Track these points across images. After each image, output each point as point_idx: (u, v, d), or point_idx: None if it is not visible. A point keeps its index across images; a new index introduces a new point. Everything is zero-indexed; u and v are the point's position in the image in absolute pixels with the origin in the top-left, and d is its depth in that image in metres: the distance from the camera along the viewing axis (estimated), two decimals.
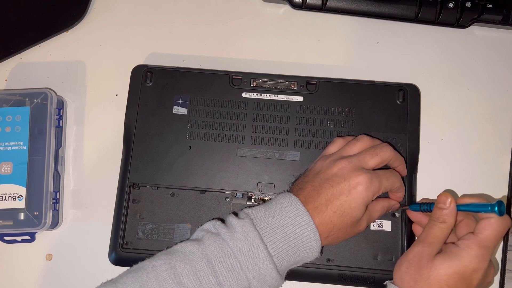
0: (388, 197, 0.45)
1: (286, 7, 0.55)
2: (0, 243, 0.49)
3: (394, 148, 0.44)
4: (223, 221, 0.40)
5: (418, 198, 0.48)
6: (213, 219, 0.40)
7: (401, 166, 0.44)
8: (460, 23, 0.53)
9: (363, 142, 0.43)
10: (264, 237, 0.37)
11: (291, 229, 0.38)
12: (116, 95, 0.53)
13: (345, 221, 0.39)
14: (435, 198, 0.49)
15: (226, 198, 0.47)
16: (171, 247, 0.39)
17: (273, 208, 0.39)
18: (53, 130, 0.49)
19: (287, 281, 0.47)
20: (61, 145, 0.51)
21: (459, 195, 0.49)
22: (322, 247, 0.40)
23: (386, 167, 0.43)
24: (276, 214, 0.39)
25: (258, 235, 0.37)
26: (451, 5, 0.52)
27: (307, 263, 0.44)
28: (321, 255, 0.40)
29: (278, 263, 0.38)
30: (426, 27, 0.54)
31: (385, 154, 0.42)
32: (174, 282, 0.36)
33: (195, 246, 0.37)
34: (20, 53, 0.54)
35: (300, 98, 0.49)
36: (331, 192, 0.39)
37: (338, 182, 0.39)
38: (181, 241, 0.39)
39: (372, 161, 0.41)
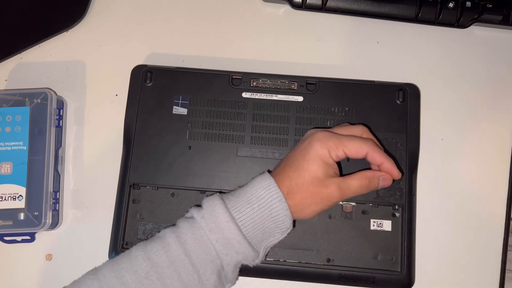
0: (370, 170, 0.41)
1: (286, 7, 0.55)
2: (0, 243, 0.49)
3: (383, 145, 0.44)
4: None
5: (418, 198, 0.48)
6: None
7: (386, 163, 0.40)
8: (460, 23, 0.53)
9: (355, 128, 0.42)
10: (228, 203, 0.38)
11: (253, 192, 0.38)
12: (116, 95, 0.53)
13: (302, 175, 0.38)
14: (435, 198, 0.49)
15: None
16: None
17: (246, 185, 0.40)
18: (53, 130, 0.49)
19: (287, 281, 0.47)
20: (61, 145, 0.51)
21: (459, 195, 0.49)
22: (295, 220, 0.40)
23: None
24: (243, 187, 0.39)
25: (221, 202, 0.38)
26: (451, 5, 0.52)
27: (307, 263, 0.45)
28: (293, 227, 0.40)
29: (245, 228, 0.37)
30: (426, 27, 0.54)
31: (352, 142, 0.40)
32: (143, 259, 0.36)
33: (168, 229, 0.38)
34: (20, 53, 0.54)
35: (300, 98, 0.49)
36: (291, 153, 0.40)
37: (299, 143, 0.41)
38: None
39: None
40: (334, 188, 0.39)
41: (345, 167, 0.46)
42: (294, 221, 0.39)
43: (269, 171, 0.41)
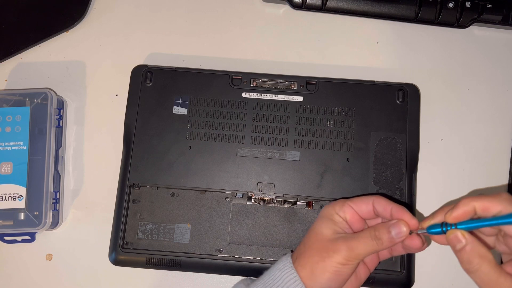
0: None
1: (286, 7, 0.55)
2: (0, 243, 0.49)
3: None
4: None
5: (418, 198, 0.48)
6: None
7: (395, 208, 0.37)
8: (460, 23, 0.53)
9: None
10: None
11: (270, 275, 0.38)
12: (116, 95, 0.53)
13: (310, 236, 0.38)
14: (435, 198, 0.49)
15: (226, 198, 0.47)
16: None
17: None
18: (53, 130, 0.49)
19: None
20: (61, 145, 0.51)
21: (459, 195, 0.49)
22: None
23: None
24: (268, 271, 0.39)
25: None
26: (451, 5, 0.52)
27: None
28: None
29: None
30: (426, 27, 0.54)
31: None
32: None
33: None
34: (20, 53, 0.54)
35: (300, 98, 0.49)
36: None
37: None
38: None
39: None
40: (340, 241, 0.36)
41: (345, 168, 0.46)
42: None
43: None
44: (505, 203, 0.31)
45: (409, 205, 0.46)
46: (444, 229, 0.33)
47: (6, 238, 0.48)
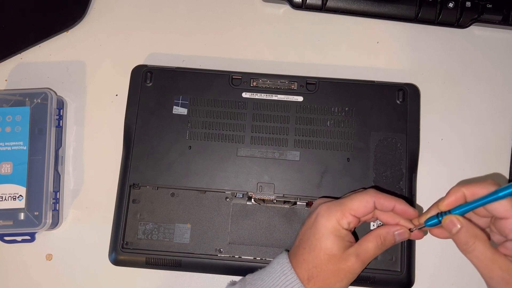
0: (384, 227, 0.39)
1: (286, 7, 0.55)
2: (0, 243, 0.49)
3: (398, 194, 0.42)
4: None
5: (418, 198, 0.48)
6: None
7: (398, 205, 0.38)
8: (460, 23, 0.53)
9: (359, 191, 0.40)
10: None
11: (273, 281, 0.37)
12: (116, 95, 0.53)
13: (318, 256, 0.37)
14: (435, 198, 0.49)
15: (226, 198, 0.47)
16: None
17: (265, 270, 0.39)
18: (53, 130, 0.49)
19: None
20: (61, 145, 0.51)
21: None
22: None
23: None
24: (265, 276, 0.38)
25: None
26: (451, 5, 0.52)
27: None
28: None
29: None
30: (426, 27, 0.54)
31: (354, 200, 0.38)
32: None
33: None
34: (20, 53, 0.54)
35: (300, 98, 0.49)
36: (302, 231, 0.40)
37: (307, 219, 0.40)
38: None
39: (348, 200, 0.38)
40: (353, 260, 0.37)
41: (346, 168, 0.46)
42: None
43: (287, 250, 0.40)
44: (491, 187, 0.33)
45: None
46: (440, 218, 0.35)
47: (6, 238, 0.48)
